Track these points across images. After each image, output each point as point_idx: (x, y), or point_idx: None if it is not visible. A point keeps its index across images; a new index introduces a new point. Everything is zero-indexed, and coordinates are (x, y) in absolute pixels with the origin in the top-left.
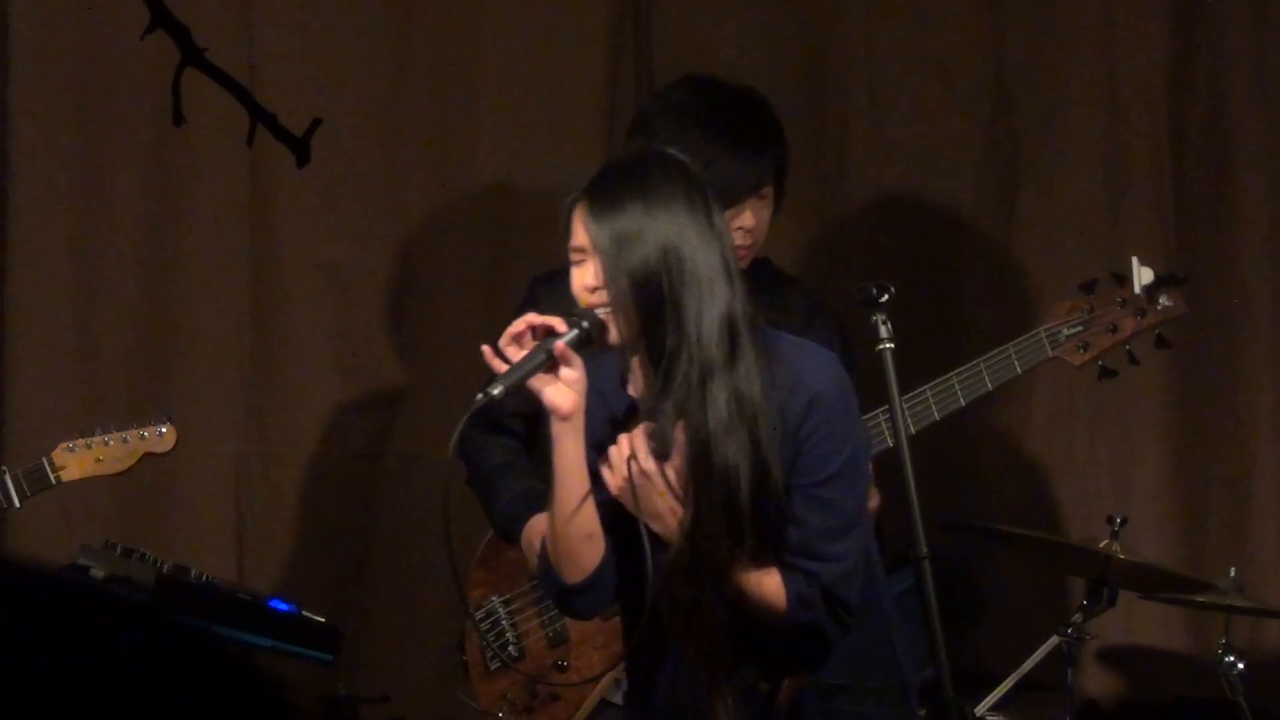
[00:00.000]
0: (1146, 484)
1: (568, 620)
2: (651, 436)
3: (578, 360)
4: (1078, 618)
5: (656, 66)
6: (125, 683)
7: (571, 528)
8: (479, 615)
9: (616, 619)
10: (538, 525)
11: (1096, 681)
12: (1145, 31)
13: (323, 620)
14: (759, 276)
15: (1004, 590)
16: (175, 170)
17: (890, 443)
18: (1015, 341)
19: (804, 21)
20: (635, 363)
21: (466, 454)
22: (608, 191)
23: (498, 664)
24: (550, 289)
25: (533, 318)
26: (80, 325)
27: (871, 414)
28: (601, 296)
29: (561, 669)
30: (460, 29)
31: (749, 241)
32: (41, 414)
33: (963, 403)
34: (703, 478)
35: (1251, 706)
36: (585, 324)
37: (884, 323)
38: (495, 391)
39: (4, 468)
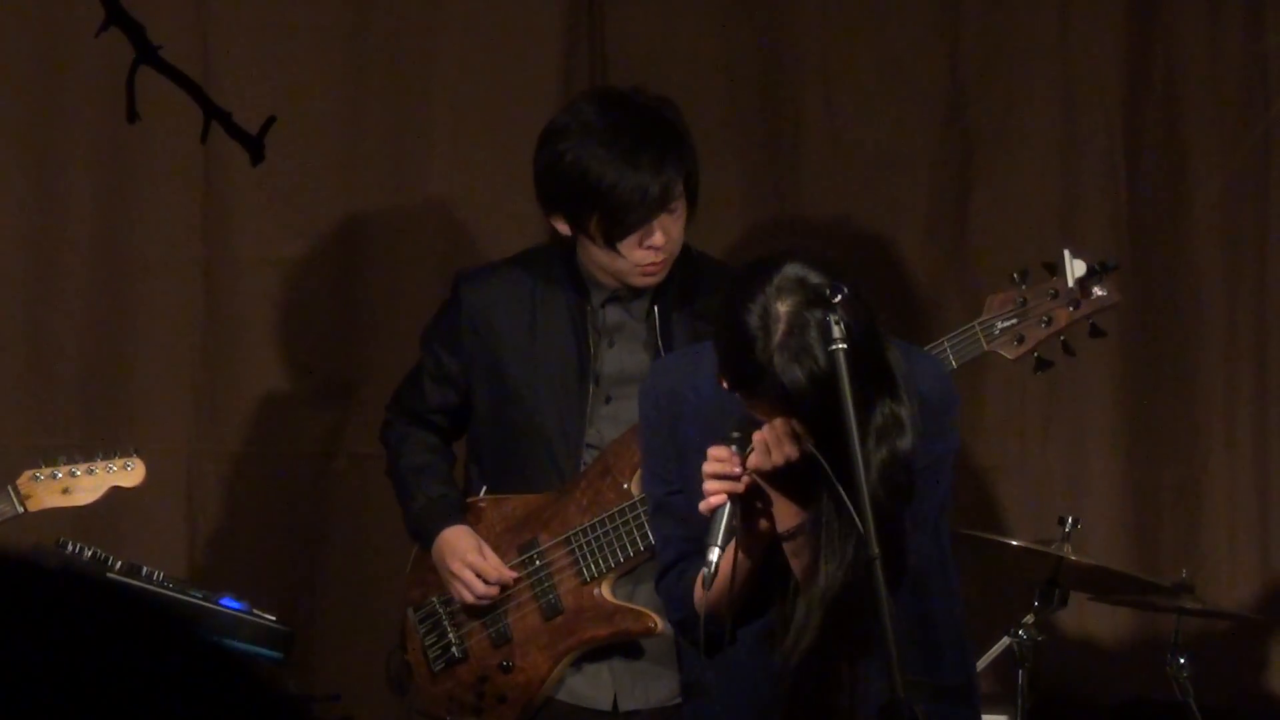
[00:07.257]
0: (1098, 485)
1: (510, 619)
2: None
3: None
4: (1029, 619)
5: (611, 66)
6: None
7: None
8: (419, 616)
9: (559, 618)
10: (450, 540)
11: (1047, 683)
12: (1100, 33)
13: (274, 619)
14: (696, 273)
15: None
16: (129, 168)
17: None
18: (950, 336)
19: (759, 21)
20: None
21: (388, 443)
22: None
23: (441, 665)
24: (473, 287)
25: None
26: (32, 323)
27: None
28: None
29: (506, 669)
30: (415, 28)
31: (660, 258)
32: None
33: None
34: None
35: (1201, 708)
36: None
37: (837, 323)
38: (713, 559)
39: None
